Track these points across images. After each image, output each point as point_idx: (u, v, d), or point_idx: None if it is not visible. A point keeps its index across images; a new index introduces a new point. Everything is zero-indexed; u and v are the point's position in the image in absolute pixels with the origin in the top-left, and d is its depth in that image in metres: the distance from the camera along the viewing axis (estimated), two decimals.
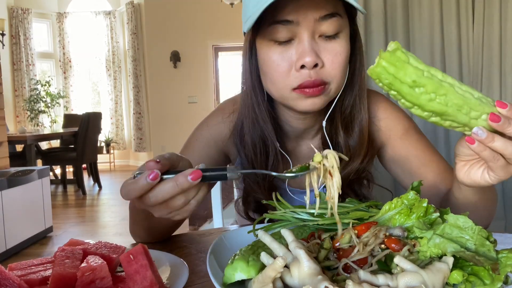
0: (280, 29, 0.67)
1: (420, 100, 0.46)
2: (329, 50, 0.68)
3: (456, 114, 0.48)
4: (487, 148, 0.50)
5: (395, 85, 0.46)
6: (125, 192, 0.51)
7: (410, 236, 0.52)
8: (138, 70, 7.12)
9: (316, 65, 0.67)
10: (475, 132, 0.49)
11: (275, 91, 0.73)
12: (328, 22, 0.67)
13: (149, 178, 0.48)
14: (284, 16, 0.66)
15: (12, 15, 6.94)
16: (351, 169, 0.78)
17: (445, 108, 0.47)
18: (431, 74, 0.46)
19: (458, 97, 0.47)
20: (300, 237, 0.58)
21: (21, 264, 0.54)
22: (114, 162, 7.50)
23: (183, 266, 0.57)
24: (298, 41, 0.68)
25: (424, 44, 2.23)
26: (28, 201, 3.10)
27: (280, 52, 0.69)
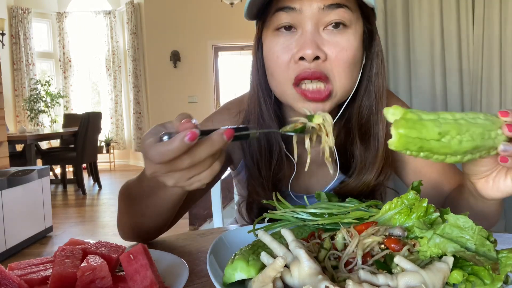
0: (283, 17, 0.65)
1: (452, 147, 0.46)
2: (334, 44, 0.65)
3: (483, 143, 0.47)
4: None
5: (425, 146, 0.45)
6: (157, 155, 0.45)
7: (410, 236, 0.52)
8: (138, 69, 7.12)
9: (317, 58, 0.64)
10: (503, 149, 0.48)
11: (275, 86, 0.70)
12: (334, 12, 0.63)
13: (187, 139, 0.44)
14: (288, 2, 0.64)
15: (12, 15, 6.94)
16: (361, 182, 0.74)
17: (474, 143, 0.46)
18: (445, 119, 0.46)
19: (477, 126, 0.47)
20: (300, 237, 0.58)
21: (21, 264, 0.54)
22: (114, 162, 7.49)
23: (183, 266, 0.57)
24: (301, 31, 0.65)
25: (424, 44, 2.23)
26: (28, 201, 3.09)
27: (282, 42, 0.66)
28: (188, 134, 0.44)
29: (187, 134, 0.44)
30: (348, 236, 0.52)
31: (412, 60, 2.26)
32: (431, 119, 0.45)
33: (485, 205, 0.63)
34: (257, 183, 0.78)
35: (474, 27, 2.19)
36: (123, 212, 0.74)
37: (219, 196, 1.36)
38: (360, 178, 0.74)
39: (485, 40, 2.17)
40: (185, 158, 0.46)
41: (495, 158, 0.52)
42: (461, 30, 2.20)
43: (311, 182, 0.84)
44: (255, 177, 0.80)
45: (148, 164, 0.49)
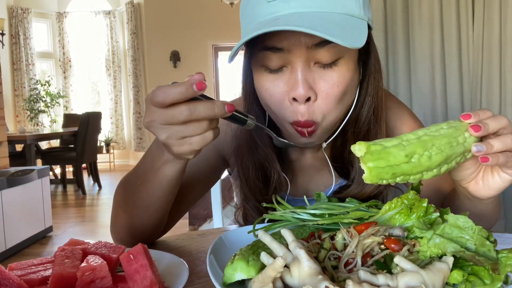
0: (271, 57, 0.61)
1: (423, 164, 0.47)
2: (326, 80, 0.62)
3: (453, 150, 0.49)
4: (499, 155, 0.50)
5: (397, 171, 0.47)
6: (161, 94, 0.47)
7: (410, 236, 0.52)
8: (138, 69, 7.12)
9: (308, 99, 0.62)
10: (476, 150, 0.49)
11: (273, 116, 0.69)
12: (324, 50, 0.60)
13: (196, 87, 0.47)
14: (274, 43, 0.60)
15: (12, 15, 6.94)
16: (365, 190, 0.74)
17: (443, 153, 0.48)
18: (406, 140, 0.48)
19: (440, 138, 0.48)
20: (300, 237, 0.58)
21: (21, 264, 0.54)
22: (114, 162, 7.50)
23: (183, 266, 0.57)
24: (290, 69, 0.62)
25: (424, 44, 2.23)
26: (28, 201, 3.10)
27: (272, 80, 0.63)
28: (198, 83, 0.47)
29: (197, 82, 0.47)
30: (348, 236, 0.52)
31: (412, 60, 2.26)
32: (394, 144, 0.47)
33: (482, 205, 0.63)
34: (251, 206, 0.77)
35: (474, 27, 2.19)
36: (118, 207, 0.73)
37: (219, 196, 1.36)
38: (361, 187, 0.74)
39: (485, 40, 2.18)
40: (184, 109, 0.48)
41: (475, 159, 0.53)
42: (461, 30, 2.21)
43: (310, 187, 0.83)
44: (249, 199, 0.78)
45: (149, 111, 0.50)
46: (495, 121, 0.50)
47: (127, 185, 0.71)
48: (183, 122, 0.49)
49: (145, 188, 0.65)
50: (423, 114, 2.19)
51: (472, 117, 0.50)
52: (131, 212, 0.70)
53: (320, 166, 0.83)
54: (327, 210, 0.62)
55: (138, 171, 0.67)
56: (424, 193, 0.80)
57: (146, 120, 0.51)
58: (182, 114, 0.48)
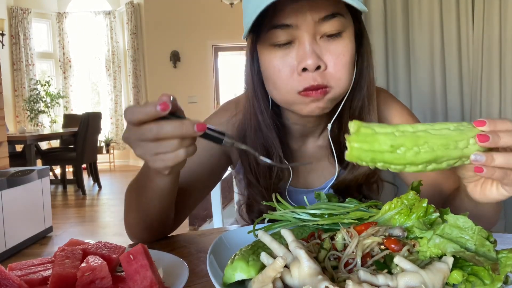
0: (279, 34, 0.65)
1: (407, 158, 0.47)
2: (332, 51, 0.66)
3: (447, 153, 0.47)
4: (496, 169, 0.49)
5: (377, 157, 0.47)
6: (130, 113, 0.51)
7: (410, 236, 0.52)
8: (138, 70, 7.12)
9: (318, 68, 0.65)
10: (474, 159, 0.48)
11: (278, 96, 0.71)
12: (329, 23, 0.65)
13: (159, 107, 0.49)
14: (283, 20, 0.64)
15: (12, 15, 6.94)
16: (358, 175, 0.77)
17: (433, 153, 0.47)
18: (402, 131, 0.47)
19: (438, 137, 0.47)
20: (300, 237, 0.58)
21: (21, 264, 0.54)
22: (114, 162, 7.49)
23: (183, 266, 0.57)
24: (298, 44, 0.66)
25: (424, 44, 2.23)
26: (28, 201, 3.09)
27: (281, 56, 0.67)
28: (162, 103, 0.49)
29: (161, 103, 0.49)
30: (348, 236, 0.52)
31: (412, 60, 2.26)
32: (386, 132, 0.47)
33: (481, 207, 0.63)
34: (256, 191, 0.80)
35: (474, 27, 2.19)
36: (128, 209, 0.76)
37: (219, 196, 1.36)
38: (355, 169, 0.77)
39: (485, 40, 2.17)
40: (152, 128, 0.50)
41: None
42: (461, 30, 2.20)
43: (310, 178, 0.86)
44: (253, 186, 0.81)
45: (126, 128, 0.54)
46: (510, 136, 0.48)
47: (131, 190, 0.74)
48: (153, 140, 0.51)
49: (144, 195, 0.68)
50: (423, 114, 2.19)
51: (486, 125, 0.48)
52: (138, 214, 0.72)
53: (320, 156, 0.85)
54: (327, 210, 0.62)
55: (139, 178, 0.70)
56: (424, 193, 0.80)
57: (124, 135, 0.54)
58: (151, 132, 0.50)
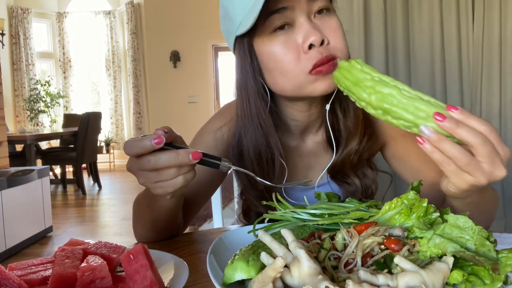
0: (277, 18, 0.67)
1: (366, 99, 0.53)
2: (328, 26, 0.69)
3: (402, 112, 0.51)
4: (436, 149, 0.50)
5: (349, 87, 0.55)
6: (128, 147, 0.54)
7: (410, 236, 0.52)
8: (138, 70, 7.12)
9: (322, 42, 0.67)
10: (421, 129, 0.49)
11: (288, 83, 0.71)
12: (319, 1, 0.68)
13: (154, 141, 0.53)
14: (278, 5, 0.66)
15: (12, 15, 6.94)
16: (350, 149, 0.79)
17: (383, 104, 0.52)
18: (380, 77, 0.53)
19: (402, 95, 0.51)
20: (300, 237, 0.58)
21: (21, 264, 0.54)
22: (114, 162, 7.49)
23: (183, 266, 0.57)
24: (298, 25, 0.68)
25: (424, 44, 2.23)
26: (28, 201, 3.09)
27: (283, 40, 0.68)
28: (156, 138, 0.53)
29: (156, 137, 0.53)
30: (348, 236, 0.52)
31: (412, 60, 2.26)
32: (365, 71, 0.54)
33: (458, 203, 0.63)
34: (253, 194, 0.81)
35: (474, 27, 2.19)
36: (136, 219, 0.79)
37: (219, 196, 1.36)
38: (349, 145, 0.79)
39: (485, 40, 2.18)
40: (150, 159, 0.54)
41: None
42: (461, 30, 2.21)
43: (310, 175, 0.86)
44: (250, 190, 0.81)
45: (129, 158, 0.58)
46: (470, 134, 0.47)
47: (139, 204, 0.77)
48: (152, 170, 0.55)
49: (151, 211, 0.71)
50: None
51: (456, 112, 0.49)
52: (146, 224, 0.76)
53: (319, 152, 0.86)
54: (327, 210, 0.62)
55: (146, 194, 0.72)
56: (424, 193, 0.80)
57: (127, 166, 0.58)
58: (149, 163, 0.54)
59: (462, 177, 0.51)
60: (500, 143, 0.49)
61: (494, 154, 0.48)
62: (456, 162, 0.50)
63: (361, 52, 2.22)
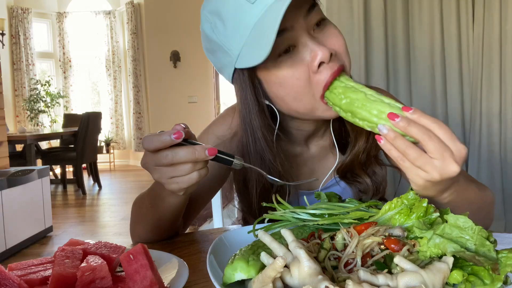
0: (279, 42, 0.63)
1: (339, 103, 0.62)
2: (329, 36, 0.69)
3: (366, 114, 0.57)
4: (392, 147, 0.54)
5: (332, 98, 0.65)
6: (147, 141, 0.56)
7: (410, 236, 0.52)
8: (138, 70, 7.12)
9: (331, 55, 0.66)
10: (379, 127, 0.54)
11: (303, 106, 0.69)
12: (313, 13, 0.67)
13: (173, 136, 0.55)
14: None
15: (12, 15, 6.94)
16: (359, 147, 0.79)
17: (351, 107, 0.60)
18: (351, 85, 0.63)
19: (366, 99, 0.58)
20: (300, 237, 0.58)
21: (21, 264, 0.54)
22: (114, 162, 7.49)
23: (183, 266, 0.57)
24: (301, 44, 0.66)
25: (424, 44, 2.23)
26: (28, 201, 3.10)
27: (290, 65, 0.66)
28: (176, 133, 0.55)
29: (175, 132, 0.55)
30: (348, 236, 0.52)
31: (412, 60, 2.26)
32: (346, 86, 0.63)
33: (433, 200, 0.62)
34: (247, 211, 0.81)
35: (474, 27, 2.20)
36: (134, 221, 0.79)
37: (219, 196, 1.36)
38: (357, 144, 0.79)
39: (485, 40, 2.18)
40: (168, 154, 0.56)
41: None
42: (461, 30, 2.21)
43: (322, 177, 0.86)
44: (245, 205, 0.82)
45: (144, 154, 0.59)
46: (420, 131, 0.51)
47: (141, 204, 0.77)
48: (168, 165, 0.56)
49: (155, 210, 0.71)
50: None
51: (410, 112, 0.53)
52: (148, 226, 0.76)
53: (323, 156, 0.86)
54: (327, 210, 0.62)
55: (150, 194, 0.72)
56: None
57: (142, 161, 0.59)
58: (166, 158, 0.56)
59: (416, 172, 0.54)
60: (451, 139, 0.52)
61: (443, 149, 0.51)
62: (407, 157, 0.53)
63: (361, 52, 2.21)
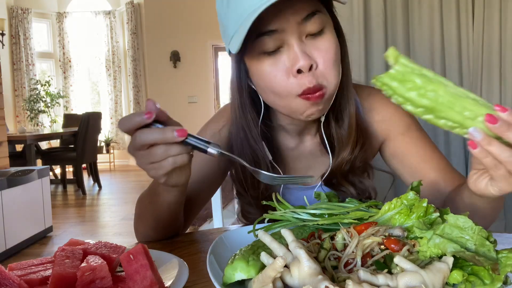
0: (266, 41, 0.65)
1: (410, 94, 0.47)
2: (319, 48, 0.67)
3: (448, 111, 0.47)
4: (489, 155, 0.48)
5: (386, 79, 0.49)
6: (121, 122, 0.55)
7: (410, 236, 0.52)
8: (138, 70, 7.12)
9: (311, 67, 0.66)
10: (471, 132, 0.47)
11: (280, 102, 0.71)
12: (311, 21, 0.65)
13: (145, 116, 0.53)
14: (268, 26, 0.64)
15: (12, 15, 6.94)
16: (342, 159, 0.78)
17: (435, 103, 0.47)
18: (422, 72, 0.48)
19: (450, 94, 0.47)
20: (300, 237, 0.58)
21: (21, 264, 0.54)
22: (114, 162, 7.49)
23: (183, 266, 0.57)
24: (287, 47, 0.66)
25: (424, 44, 2.23)
26: (28, 201, 3.09)
27: (272, 62, 0.67)
28: (147, 113, 0.53)
29: (146, 112, 0.53)
30: (348, 236, 0.52)
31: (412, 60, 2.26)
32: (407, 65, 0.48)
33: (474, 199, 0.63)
34: (245, 200, 0.81)
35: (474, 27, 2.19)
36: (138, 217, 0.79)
37: (219, 196, 1.36)
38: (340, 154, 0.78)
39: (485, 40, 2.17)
40: (137, 135, 0.54)
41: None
42: (461, 30, 2.20)
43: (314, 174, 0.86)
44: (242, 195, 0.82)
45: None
46: None
47: (142, 201, 0.78)
48: (141, 148, 0.55)
49: (153, 207, 0.71)
50: None
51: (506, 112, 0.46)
52: (148, 222, 0.76)
53: (317, 152, 0.86)
54: (327, 210, 0.62)
55: (149, 190, 0.73)
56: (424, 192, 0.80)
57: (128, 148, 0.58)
58: (135, 139, 0.54)
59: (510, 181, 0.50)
60: None
61: None
62: (507, 166, 0.48)
63: (361, 53, 2.21)
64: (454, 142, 2.19)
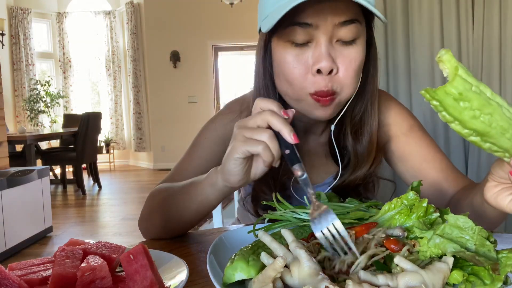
0: (298, 32, 0.66)
1: (463, 115, 0.42)
2: (345, 56, 0.67)
3: (499, 137, 0.43)
4: None
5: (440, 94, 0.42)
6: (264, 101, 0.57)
7: (410, 236, 0.52)
8: (138, 70, 7.12)
9: (331, 71, 0.66)
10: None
11: (291, 92, 0.71)
12: (347, 28, 0.66)
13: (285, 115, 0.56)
14: (304, 19, 0.65)
15: (11, 15, 6.94)
16: (357, 176, 0.78)
17: (488, 128, 0.43)
18: (480, 90, 0.42)
19: (504, 119, 0.43)
20: (300, 237, 0.58)
21: (21, 264, 0.54)
22: (114, 162, 7.49)
23: (183, 266, 0.57)
24: (315, 44, 0.67)
25: (424, 44, 2.23)
26: (28, 201, 3.09)
27: (296, 54, 0.68)
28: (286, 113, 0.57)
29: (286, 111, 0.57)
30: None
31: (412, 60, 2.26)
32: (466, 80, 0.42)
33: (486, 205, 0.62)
34: (263, 181, 0.80)
35: (474, 27, 2.19)
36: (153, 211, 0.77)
37: None
38: (356, 172, 0.78)
39: (485, 40, 2.17)
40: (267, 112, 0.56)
41: None
42: (461, 30, 2.20)
43: (312, 173, 0.86)
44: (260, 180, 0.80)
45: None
46: None
47: (166, 193, 0.76)
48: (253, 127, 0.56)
49: (184, 200, 0.70)
50: (423, 114, 2.19)
51: None
52: (166, 217, 0.74)
53: (321, 153, 0.86)
54: None
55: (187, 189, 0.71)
56: (425, 192, 0.80)
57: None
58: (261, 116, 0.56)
59: None
60: None
61: None
62: None
63: None
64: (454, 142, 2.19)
